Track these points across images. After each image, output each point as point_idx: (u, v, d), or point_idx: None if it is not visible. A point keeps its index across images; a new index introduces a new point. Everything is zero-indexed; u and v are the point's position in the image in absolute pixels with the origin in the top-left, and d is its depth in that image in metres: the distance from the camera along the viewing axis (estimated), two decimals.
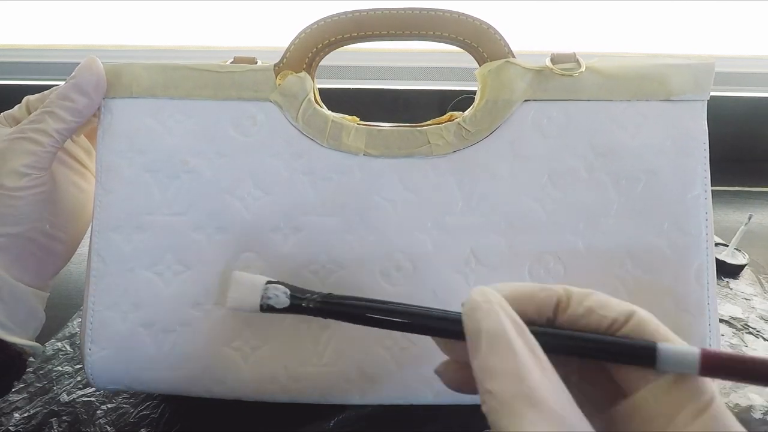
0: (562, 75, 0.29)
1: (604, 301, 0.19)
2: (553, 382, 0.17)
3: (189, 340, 0.29)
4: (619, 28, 0.58)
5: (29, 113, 0.29)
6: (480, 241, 0.29)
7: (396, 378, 0.29)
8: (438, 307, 0.28)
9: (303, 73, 0.29)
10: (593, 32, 0.59)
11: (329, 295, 0.23)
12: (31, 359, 0.35)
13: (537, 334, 0.19)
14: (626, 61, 0.29)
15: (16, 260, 0.28)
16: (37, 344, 0.29)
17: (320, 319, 0.29)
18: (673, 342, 0.18)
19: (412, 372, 0.29)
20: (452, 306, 0.28)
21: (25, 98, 0.30)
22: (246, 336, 0.29)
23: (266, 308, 0.23)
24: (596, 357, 0.19)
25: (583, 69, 0.29)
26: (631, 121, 0.29)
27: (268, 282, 0.24)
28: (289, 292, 0.23)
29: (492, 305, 0.18)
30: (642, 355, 0.18)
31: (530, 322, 0.19)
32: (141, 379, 0.29)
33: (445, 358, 0.22)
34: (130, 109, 0.29)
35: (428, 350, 0.28)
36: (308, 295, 0.23)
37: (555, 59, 0.29)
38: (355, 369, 0.29)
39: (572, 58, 0.29)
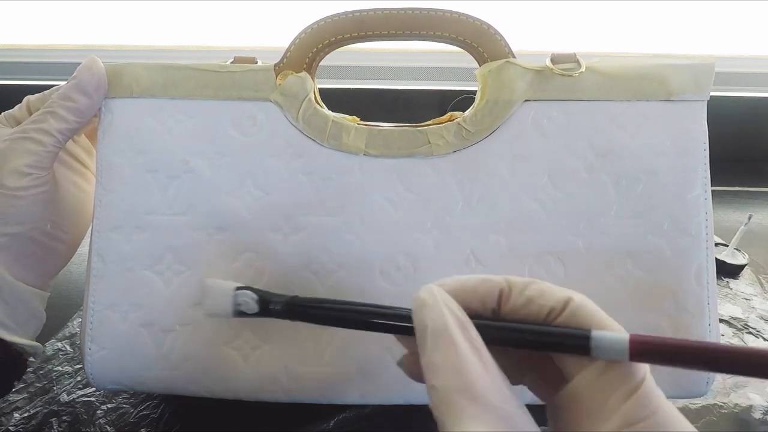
0: (563, 75, 0.29)
1: (542, 290, 0.20)
2: (493, 377, 0.18)
3: (189, 339, 0.29)
4: (619, 28, 0.58)
5: (30, 113, 0.29)
6: (480, 241, 0.29)
7: (396, 377, 0.29)
8: None
9: (303, 73, 0.29)
10: (593, 32, 0.59)
11: (294, 297, 0.23)
12: (31, 359, 0.35)
13: (478, 327, 0.19)
14: (626, 62, 0.29)
15: (17, 260, 0.28)
16: (38, 344, 0.29)
17: None
18: (607, 327, 0.19)
19: None
20: None
21: (26, 98, 0.30)
22: (246, 335, 0.29)
23: (238, 314, 0.23)
24: (534, 348, 0.20)
25: (583, 69, 0.29)
26: (631, 121, 0.29)
27: (237, 288, 0.23)
28: (257, 298, 0.23)
29: (437, 302, 0.19)
30: (576, 343, 0.19)
31: (476, 315, 0.20)
32: (141, 378, 0.29)
33: None
34: (130, 108, 0.29)
35: None
36: (275, 298, 0.23)
37: (555, 59, 0.29)
38: (355, 369, 0.29)
39: (572, 59, 0.29)
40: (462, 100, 0.29)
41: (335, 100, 0.32)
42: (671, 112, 0.29)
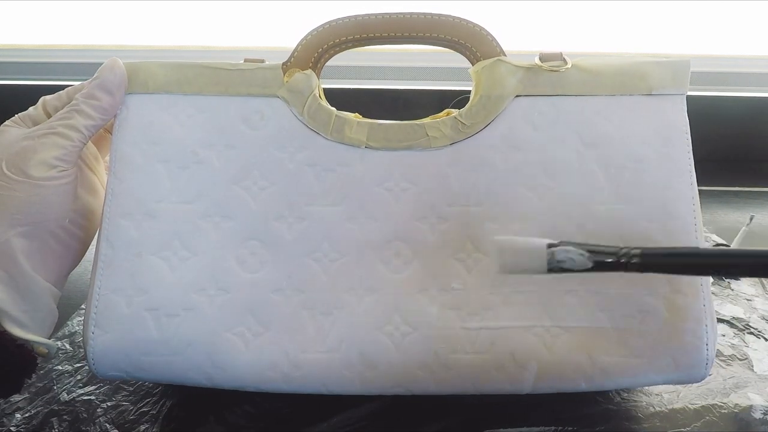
0: (550, 71, 0.31)
1: None
2: None
3: (192, 325, 0.29)
4: (616, 29, 0.60)
5: (47, 113, 0.31)
6: (477, 229, 0.30)
7: (397, 364, 0.29)
8: (436, 290, 0.29)
9: (309, 71, 0.31)
10: (589, 35, 0.61)
11: (646, 248, 0.24)
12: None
13: None
14: (609, 59, 0.31)
15: (37, 252, 0.28)
16: (52, 342, 0.29)
17: (324, 306, 0.29)
18: None
19: (414, 358, 0.29)
20: (451, 289, 0.29)
21: (42, 99, 0.32)
22: (248, 322, 0.29)
23: (558, 270, 0.24)
24: None
25: (569, 66, 0.31)
26: (616, 114, 0.31)
27: (550, 245, 0.25)
28: (586, 253, 0.24)
29: None
30: None
31: None
32: (142, 365, 0.29)
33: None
34: (145, 103, 0.31)
35: (430, 336, 0.29)
36: (617, 250, 0.24)
37: (543, 58, 0.31)
38: (357, 355, 0.29)
39: (559, 57, 0.31)
40: (462, 100, 0.31)
41: (336, 99, 0.33)
42: (653, 105, 0.31)
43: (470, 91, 0.32)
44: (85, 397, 0.33)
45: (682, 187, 0.30)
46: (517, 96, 0.31)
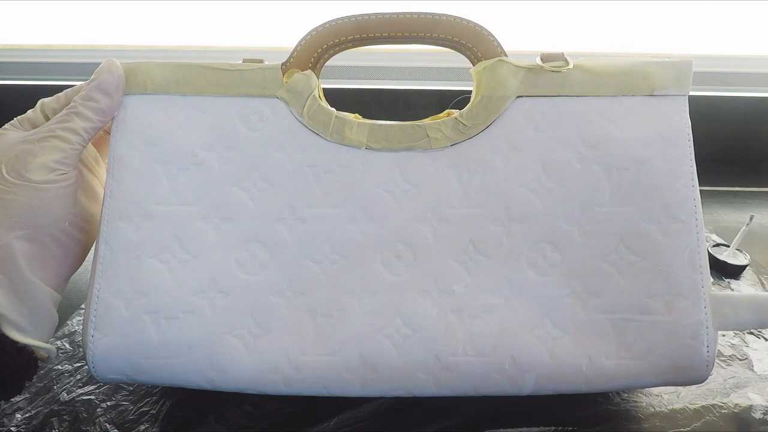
0: (552, 71, 0.30)
1: None
2: None
3: (192, 327, 0.29)
4: (618, 29, 0.59)
5: (45, 116, 0.31)
6: (478, 231, 0.30)
7: (398, 366, 0.29)
8: (437, 292, 0.29)
9: (308, 71, 0.31)
10: (591, 35, 0.60)
11: None
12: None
13: None
14: (611, 60, 0.31)
15: (37, 256, 0.28)
16: (51, 346, 0.29)
17: (324, 308, 0.29)
18: None
19: (415, 360, 0.29)
20: (452, 291, 0.29)
21: (40, 102, 0.31)
22: (248, 324, 0.29)
23: None
24: None
25: (570, 66, 0.30)
26: (618, 114, 0.30)
27: None
28: None
29: None
30: None
31: None
32: (142, 368, 0.29)
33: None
34: (143, 104, 0.31)
35: (430, 338, 0.29)
36: None
37: (544, 58, 0.31)
38: (357, 357, 0.29)
39: (560, 57, 0.31)
40: (462, 100, 0.31)
41: (336, 99, 0.33)
42: (655, 106, 0.30)
43: (471, 91, 0.32)
44: (85, 397, 0.33)
45: (685, 189, 0.29)
46: (518, 96, 0.31)
